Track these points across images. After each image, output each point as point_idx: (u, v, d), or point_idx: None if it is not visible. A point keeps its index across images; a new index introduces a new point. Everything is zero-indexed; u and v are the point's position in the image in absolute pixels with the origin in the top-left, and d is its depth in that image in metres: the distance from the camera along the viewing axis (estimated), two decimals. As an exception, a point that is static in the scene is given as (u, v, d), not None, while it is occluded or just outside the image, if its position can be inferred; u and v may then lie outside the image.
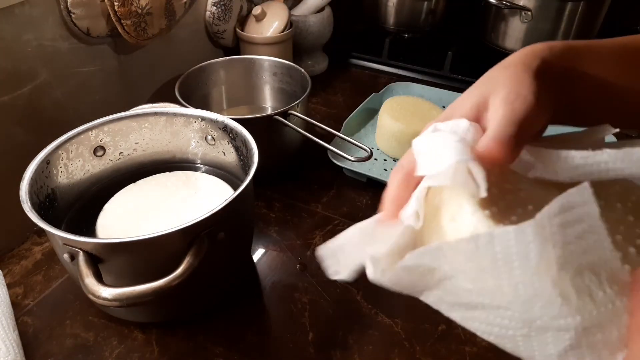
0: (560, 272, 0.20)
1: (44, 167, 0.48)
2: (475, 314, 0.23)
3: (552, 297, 0.20)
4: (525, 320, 0.21)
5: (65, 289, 0.53)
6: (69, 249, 0.40)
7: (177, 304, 0.48)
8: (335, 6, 0.96)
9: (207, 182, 0.56)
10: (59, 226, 0.43)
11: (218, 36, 0.85)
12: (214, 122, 0.56)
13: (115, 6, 0.59)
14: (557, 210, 0.19)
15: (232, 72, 0.77)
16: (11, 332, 0.45)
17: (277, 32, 0.84)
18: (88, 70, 0.63)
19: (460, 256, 0.21)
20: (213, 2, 0.81)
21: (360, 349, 0.47)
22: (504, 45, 0.94)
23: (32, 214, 0.41)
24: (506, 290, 0.21)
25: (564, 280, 0.20)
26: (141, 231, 0.40)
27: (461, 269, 0.22)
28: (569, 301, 0.20)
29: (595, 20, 0.89)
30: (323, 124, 0.64)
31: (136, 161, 0.59)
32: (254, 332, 0.49)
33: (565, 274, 0.20)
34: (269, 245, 0.59)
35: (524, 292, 0.20)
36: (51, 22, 0.57)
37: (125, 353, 0.47)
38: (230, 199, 0.43)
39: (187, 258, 0.39)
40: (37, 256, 0.57)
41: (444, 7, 1.04)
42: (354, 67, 1.04)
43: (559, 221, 0.19)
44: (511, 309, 0.21)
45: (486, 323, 0.22)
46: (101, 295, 0.36)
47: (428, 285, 0.24)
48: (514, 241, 0.20)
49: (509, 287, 0.20)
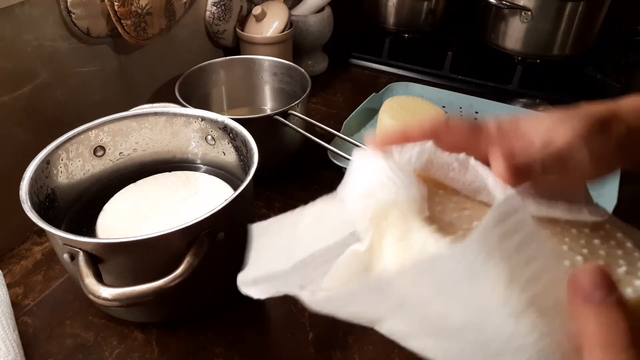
0: (508, 288, 0.18)
1: (44, 167, 0.48)
2: (431, 342, 0.21)
3: (502, 316, 0.18)
4: (481, 344, 0.19)
5: (65, 289, 0.53)
6: (69, 249, 0.40)
7: (177, 304, 0.48)
8: (335, 6, 0.96)
9: (207, 182, 0.56)
10: (59, 226, 0.43)
11: (218, 36, 0.85)
12: (214, 122, 0.56)
13: (115, 6, 0.59)
14: (495, 221, 0.18)
15: (232, 72, 0.77)
16: (11, 332, 0.45)
17: (277, 32, 0.84)
18: (88, 70, 0.63)
19: (408, 281, 0.20)
20: (213, 2, 0.81)
21: (360, 349, 0.47)
22: (504, 45, 0.94)
23: (32, 214, 0.41)
24: (458, 313, 0.19)
25: (514, 296, 0.18)
26: (141, 231, 0.40)
27: (411, 294, 0.20)
28: (521, 319, 0.18)
29: (595, 20, 0.89)
30: (323, 124, 0.64)
31: (136, 161, 0.59)
32: (254, 332, 0.49)
33: (514, 289, 0.18)
34: (269, 245, 0.59)
35: (475, 314, 0.19)
36: (51, 22, 0.57)
37: (125, 353, 0.47)
38: (230, 199, 0.43)
39: (187, 258, 0.39)
40: (37, 256, 0.57)
41: (444, 7, 1.04)
42: (354, 67, 1.04)
43: (498, 232, 0.18)
44: (465, 334, 0.19)
45: (443, 351, 0.21)
46: (101, 295, 0.36)
47: (378, 313, 0.22)
48: (460, 257, 0.18)
49: (460, 309, 0.19)
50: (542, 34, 0.88)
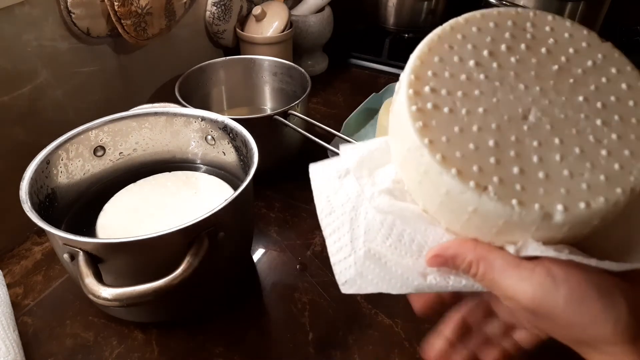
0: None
1: (44, 167, 0.48)
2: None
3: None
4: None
5: (65, 289, 0.53)
6: (69, 249, 0.40)
7: (177, 304, 0.48)
8: (335, 6, 0.96)
9: (207, 182, 0.56)
10: (59, 226, 0.43)
11: (218, 36, 0.85)
12: (214, 122, 0.56)
13: (115, 6, 0.59)
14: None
15: (232, 72, 0.77)
16: (11, 332, 0.45)
17: (277, 32, 0.84)
18: (88, 70, 0.63)
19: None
20: (213, 2, 0.81)
21: (360, 349, 0.47)
22: (504, 45, 0.94)
23: (32, 214, 0.41)
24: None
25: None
26: (141, 231, 0.40)
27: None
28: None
29: (595, 20, 0.89)
30: (323, 124, 0.64)
31: (136, 161, 0.59)
32: (254, 332, 0.49)
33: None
34: (269, 245, 0.59)
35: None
36: (51, 22, 0.57)
37: (125, 353, 0.47)
38: (230, 199, 0.43)
39: (187, 258, 0.39)
40: (37, 256, 0.57)
41: (444, 7, 1.04)
42: (354, 67, 1.04)
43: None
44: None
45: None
46: (101, 295, 0.36)
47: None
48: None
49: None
50: (542, 34, 0.88)
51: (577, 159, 0.24)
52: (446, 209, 0.25)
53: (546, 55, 0.26)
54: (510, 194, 0.23)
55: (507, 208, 0.22)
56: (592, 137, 0.24)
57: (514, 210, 0.22)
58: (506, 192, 0.23)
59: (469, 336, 0.31)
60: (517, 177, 0.23)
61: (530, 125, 0.24)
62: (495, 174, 0.23)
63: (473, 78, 0.26)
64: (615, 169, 0.23)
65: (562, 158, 0.24)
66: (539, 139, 0.24)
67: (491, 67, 0.26)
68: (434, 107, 0.24)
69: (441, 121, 0.24)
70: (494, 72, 0.26)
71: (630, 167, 0.23)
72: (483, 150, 0.24)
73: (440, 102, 0.25)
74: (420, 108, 0.24)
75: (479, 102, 0.25)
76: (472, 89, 0.25)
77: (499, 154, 0.23)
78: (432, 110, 0.24)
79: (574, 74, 0.26)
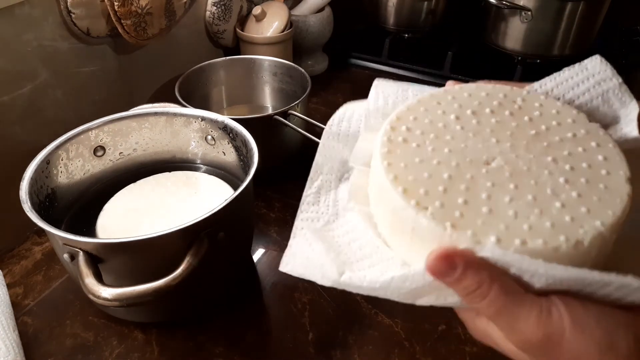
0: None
1: (44, 167, 0.48)
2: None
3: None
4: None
5: (65, 289, 0.53)
6: (69, 249, 0.40)
7: (177, 304, 0.48)
8: (335, 6, 0.96)
9: (207, 182, 0.56)
10: (59, 226, 0.43)
11: (218, 36, 0.85)
12: (214, 122, 0.56)
13: (115, 6, 0.59)
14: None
15: (232, 72, 0.77)
16: (11, 332, 0.45)
17: (277, 32, 0.84)
18: (88, 70, 0.63)
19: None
20: (213, 2, 0.81)
21: (360, 349, 0.47)
22: (504, 45, 0.94)
23: (32, 214, 0.41)
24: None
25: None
26: (141, 231, 0.40)
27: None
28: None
29: (595, 21, 0.89)
30: (323, 124, 0.64)
31: (136, 161, 0.59)
32: (254, 332, 0.49)
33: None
34: (269, 245, 0.59)
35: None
36: (51, 22, 0.57)
37: (125, 353, 0.47)
38: (230, 199, 0.43)
39: (187, 258, 0.39)
40: (37, 256, 0.57)
41: (444, 7, 1.03)
42: (354, 67, 1.04)
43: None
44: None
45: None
46: (101, 295, 0.36)
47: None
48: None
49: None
50: (542, 34, 0.88)
51: (526, 204, 0.23)
52: (396, 229, 0.26)
53: (527, 122, 0.27)
54: (447, 217, 0.23)
55: (439, 228, 0.22)
56: (550, 190, 0.23)
57: (445, 231, 0.22)
58: (443, 215, 0.23)
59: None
60: (459, 205, 0.23)
61: (489, 169, 0.25)
62: (439, 199, 0.23)
63: (450, 127, 0.27)
64: (565, 219, 0.22)
65: (512, 200, 0.23)
66: (493, 181, 0.24)
67: (470, 122, 0.27)
68: (404, 140, 0.27)
69: (406, 152, 0.26)
70: (472, 126, 0.27)
71: (582, 222, 0.22)
72: (435, 179, 0.24)
73: (411, 138, 0.27)
74: (391, 139, 0.27)
75: (447, 144, 0.26)
76: (445, 134, 0.27)
77: (449, 185, 0.24)
78: (401, 143, 0.27)
79: (549, 140, 0.26)
